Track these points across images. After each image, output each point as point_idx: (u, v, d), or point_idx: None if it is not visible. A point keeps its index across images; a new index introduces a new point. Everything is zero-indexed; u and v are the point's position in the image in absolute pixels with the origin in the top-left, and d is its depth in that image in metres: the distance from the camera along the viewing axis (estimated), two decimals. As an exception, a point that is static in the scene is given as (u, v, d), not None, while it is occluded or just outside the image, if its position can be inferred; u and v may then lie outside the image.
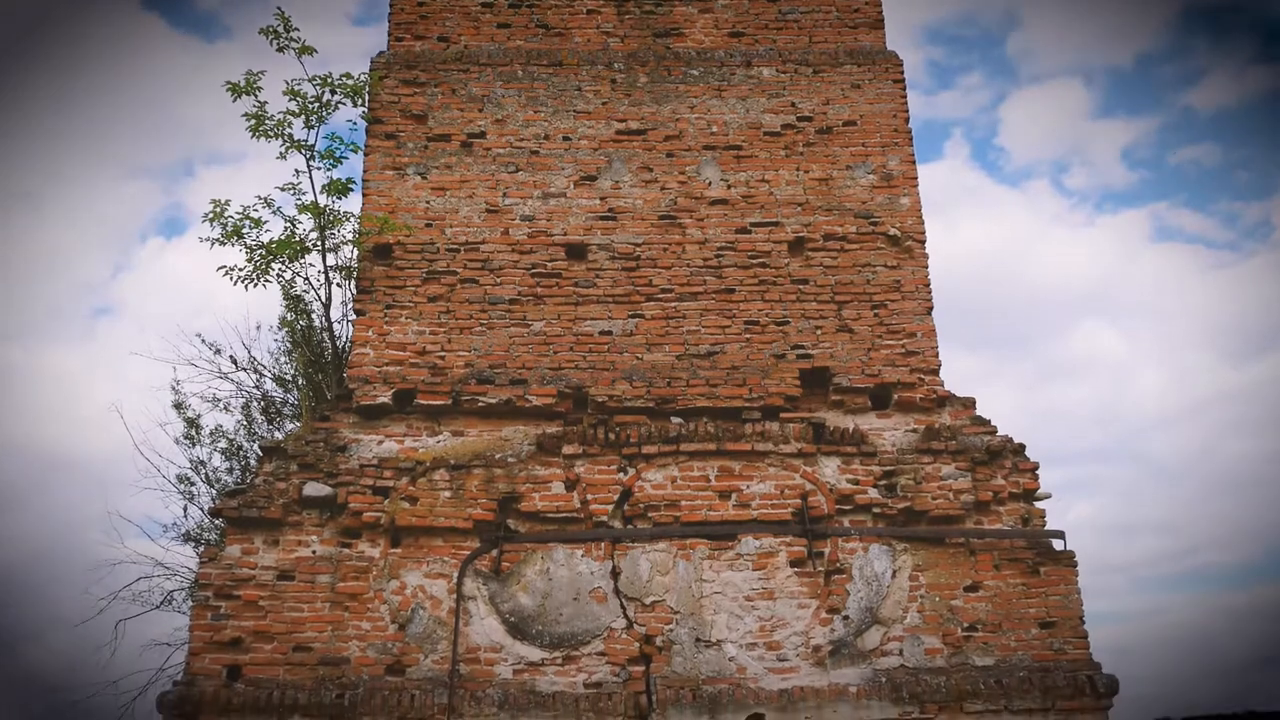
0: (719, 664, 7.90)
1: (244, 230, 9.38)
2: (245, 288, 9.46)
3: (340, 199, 9.59)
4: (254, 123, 9.54)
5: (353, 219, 9.38)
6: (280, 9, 9.78)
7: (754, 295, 9.11)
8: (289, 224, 9.59)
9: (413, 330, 8.90)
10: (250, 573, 7.98)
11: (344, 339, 10.51)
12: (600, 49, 10.03)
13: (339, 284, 10.17)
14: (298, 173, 9.63)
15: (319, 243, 9.55)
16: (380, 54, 9.96)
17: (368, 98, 9.63)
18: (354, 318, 9.09)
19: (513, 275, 9.11)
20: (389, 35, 10.06)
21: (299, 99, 9.56)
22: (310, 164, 9.59)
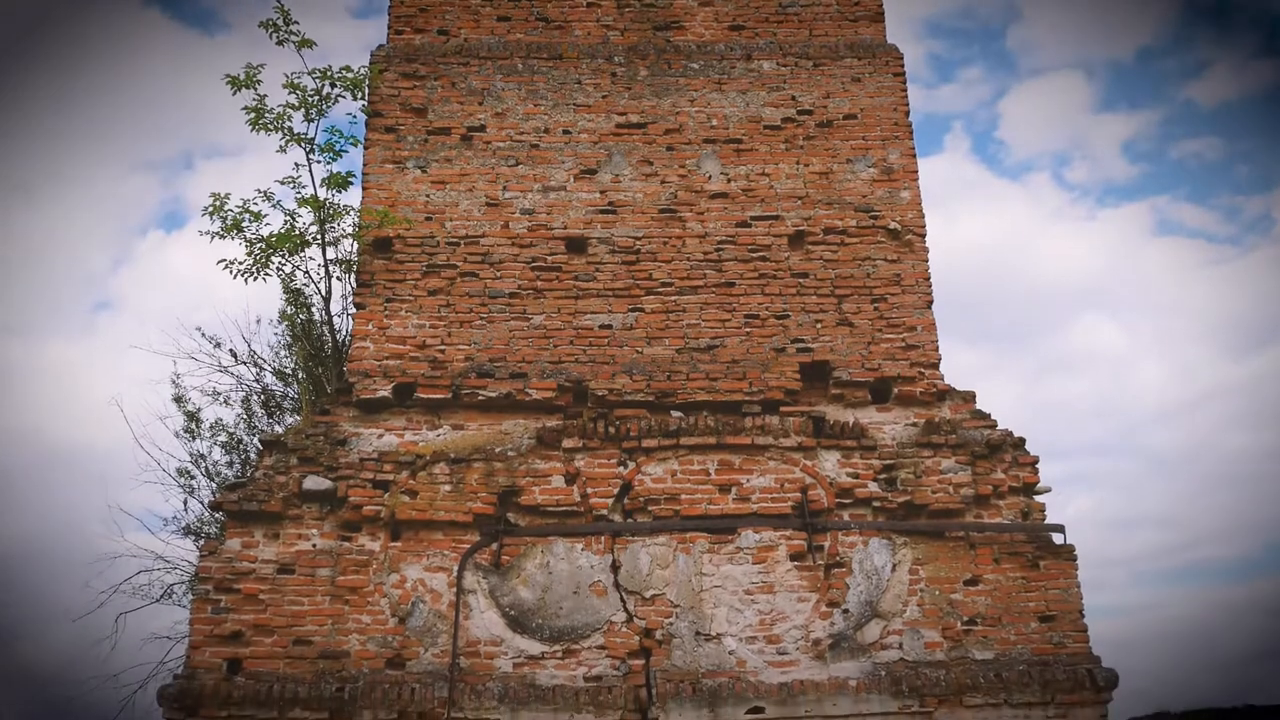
0: (719, 657, 7.90)
1: (244, 224, 9.39)
2: (245, 281, 9.48)
3: (340, 192, 9.61)
4: (254, 116, 9.54)
5: (352, 212, 9.40)
6: (280, 2, 9.80)
7: (754, 289, 9.10)
8: (289, 218, 9.60)
9: (413, 324, 8.89)
10: (250, 566, 7.99)
11: (344, 333, 10.53)
12: (600, 42, 10.02)
13: (339, 278, 10.20)
14: (297, 166, 9.64)
15: (319, 236, 9.55)
16: (380, 47, 9.94)
17: (367, 91, 9.62)
18: (354, 311, 9.08)
19: (513, 269, 9.11)
20: (389, 28, 10.05)
21: (299, 92, 9.55)
22: (310, 157, 9.60)
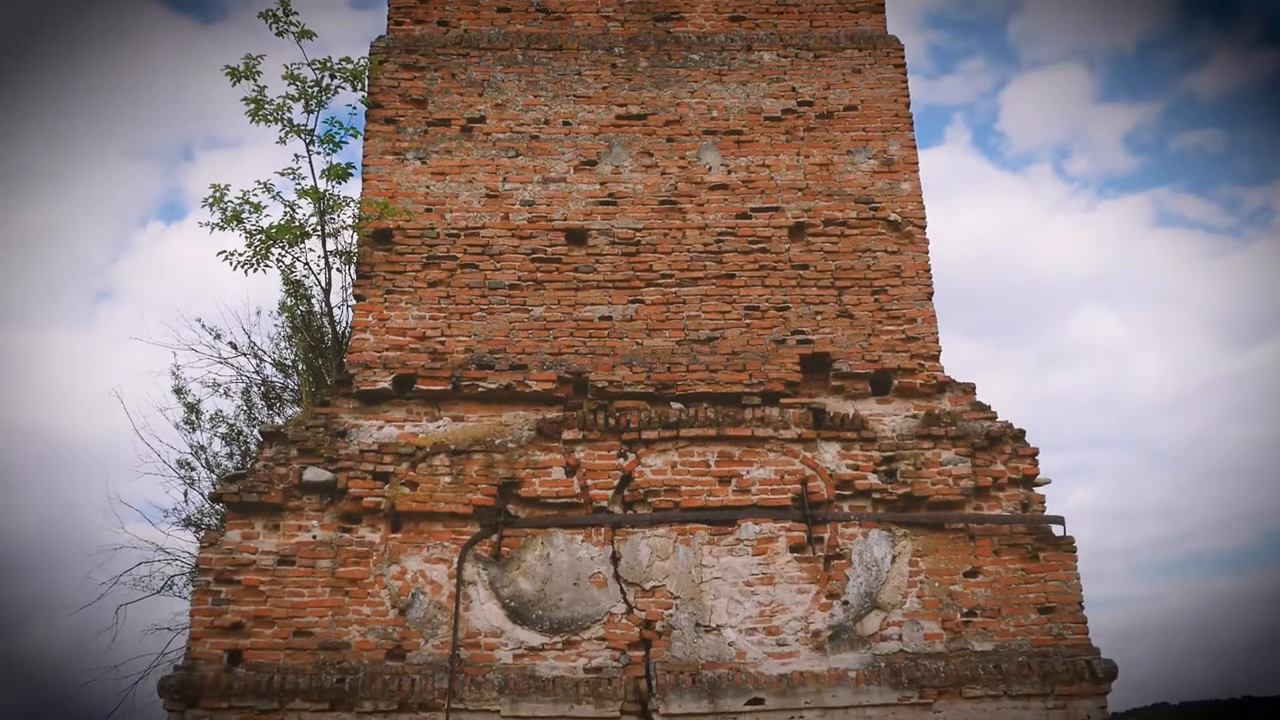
0: (719, 649, 7.91)
1: (243, 215, 9.37)
2: (245, 273, 9.46)
3: (340, 184, 9.58)
4: (253, 107, 9.51)
5: (352, 204, 9.36)
6: (279, -7, 9.75)
7: (754, 280, 9.09)
8: (289, 209, 9.57)
9: (413, 315, 8.89)
10: (251, 558, 7.99)
11: (344, 324, 10.50)
12: (600, 33, 9.99)
13: (339, 269, 10.17)
14: (297, 157, 9.62)
15: (319, 228, 9.53)
16: (380, 38, 9.92)
17: (367, 82, 9.60)
18: (354, 303, 9.08)
19: (513, 260, 9.10)
20: (388, 19, 10.02)
21: (298, 83, 9.53)
22: (310, 149, 9.57)
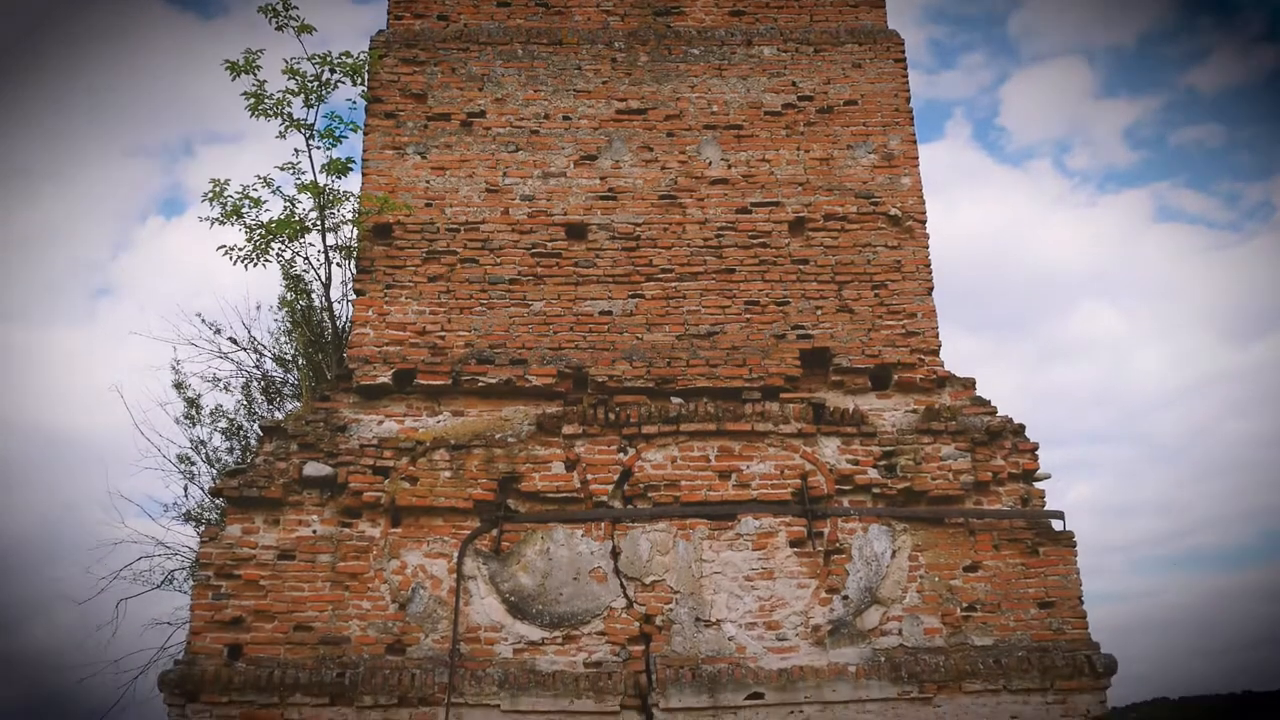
0: (719, 643, 7.92)
1: (243, 210, 9.36)
2: (245, 267, 9.46)
3: (340, 178, 9.58)
4: (253, 102, 9.49)
5: (352, 198, 9.37)
6: (279, -13, 9.73)
7: (754, 275, 9.09)
8: (288, 203, 9.58)
9: (413, 310, 8.88)
10: (251, 552, 7.99)
11: (344, 319, 10.51)
12: (600, 28, 9.98)
13: (339, 264, 10.16)
14: (297, 152, 9.61)
15: (319, 222, 9.53)
16: (380, 32, 9.91)
17: (367, 76, 9.59)
18: (354, 297, 9.07)
19: (513, 255, 9.09)
20: (388, 13, 10.01)
21: (298, 78, 9.51)
22: (310, 143, 9.56)
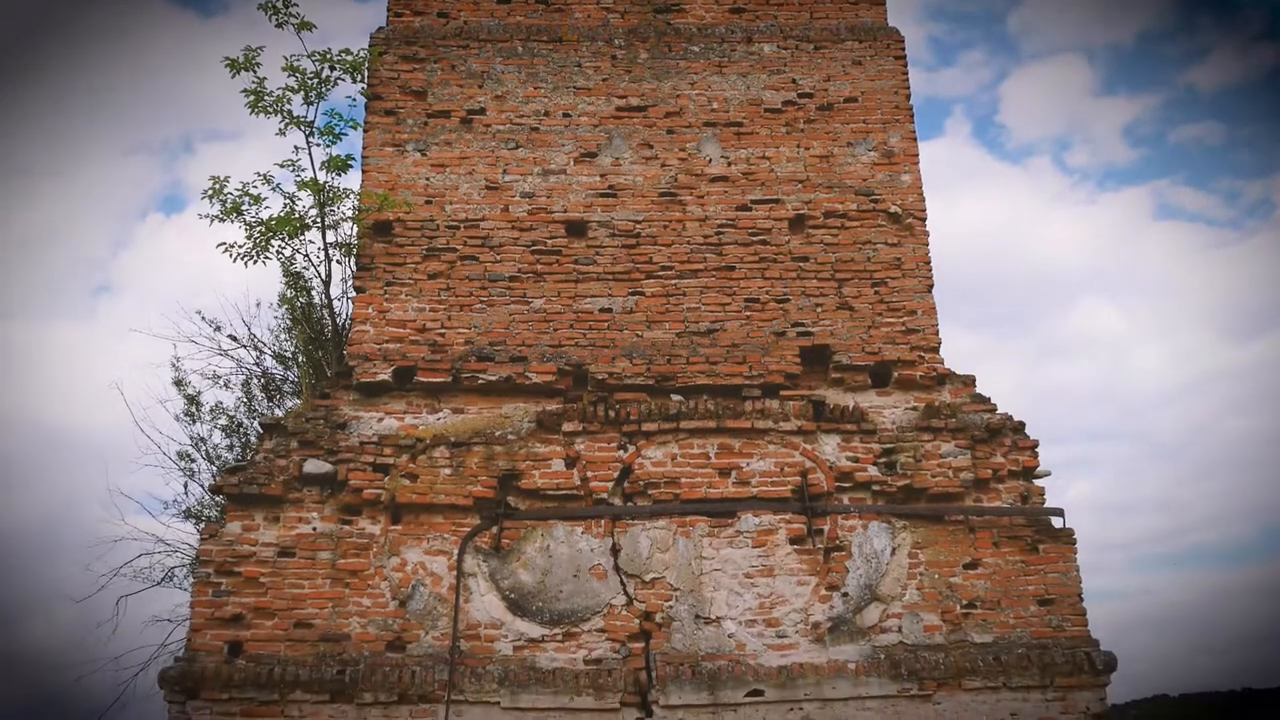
0: (718, 640, 7.92)
1: (243, 207, 9.37)
2: (245, 265, 9.46)
3: (340, 175, 9.58)
4: (253, 99, 9.49)
5: (352, 196, 9.38)
6: (279, -16, 9.72)
7: (754, 273, 9.09)
8: (288, 201, 9.58)
9: (413, 307, 8.88)
10: (251, 549, 8.00)
11: (344, 316, 10.51)
12: (600, 25, 9.97)
13: (339, 261, 10.18)
14: (297, 149, 9.61)
15: (318, 219, 9.53)
16: (380, 30, 9.90)
17: (367, 74, 9.58)
18: (354, 295, 9.07)
19: (513, 252, 9.09)
20: (388, 11, 10.00)
21: (298, 75, 9.51)
22: (309, 140, 9.56)
